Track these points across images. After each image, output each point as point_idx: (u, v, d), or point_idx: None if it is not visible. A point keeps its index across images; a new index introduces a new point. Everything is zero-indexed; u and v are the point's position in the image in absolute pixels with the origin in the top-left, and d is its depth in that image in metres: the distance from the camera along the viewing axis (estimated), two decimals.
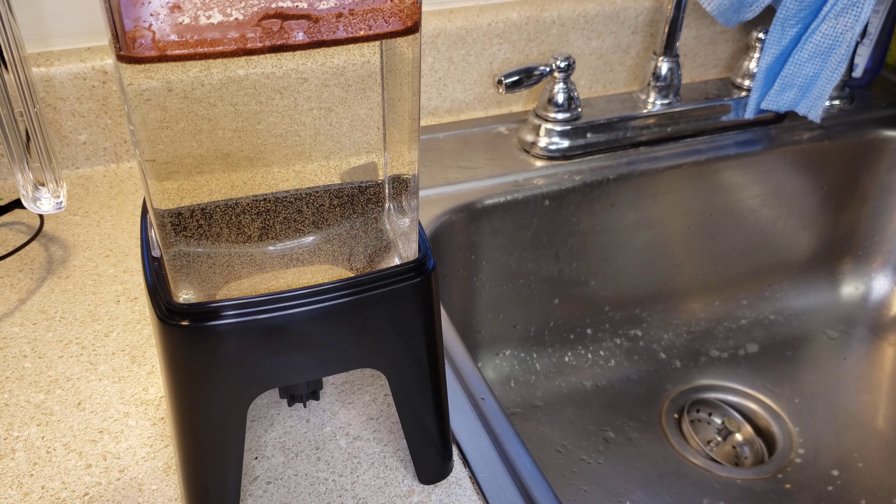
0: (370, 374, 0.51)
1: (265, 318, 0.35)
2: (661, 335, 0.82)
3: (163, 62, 0.30)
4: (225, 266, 0.37)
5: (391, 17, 0.32)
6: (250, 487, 0.44)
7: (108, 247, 0.61)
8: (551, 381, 0.77)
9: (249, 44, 0.30)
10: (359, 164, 0.37)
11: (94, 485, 0.43)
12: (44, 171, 0.47)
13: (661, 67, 0.75)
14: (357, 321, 0.37)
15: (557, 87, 0.72)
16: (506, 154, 0.74)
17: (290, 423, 0.48)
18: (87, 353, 0.52)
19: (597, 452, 0.71)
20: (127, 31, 0.29)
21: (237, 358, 0.36)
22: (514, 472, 0.45)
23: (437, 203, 0.68)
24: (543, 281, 0.75)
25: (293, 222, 0.37)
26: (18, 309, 0.55)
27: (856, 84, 0.87)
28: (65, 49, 0.67)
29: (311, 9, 0.30)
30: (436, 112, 0.79)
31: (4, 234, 0.62)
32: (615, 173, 0.73)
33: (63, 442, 0.46)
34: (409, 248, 0.38)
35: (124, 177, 0.69)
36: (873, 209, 0.85)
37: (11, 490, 0.43)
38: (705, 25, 0.83)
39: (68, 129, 0.68)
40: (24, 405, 0.48)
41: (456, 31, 0.74)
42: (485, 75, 0.78)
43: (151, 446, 0.46)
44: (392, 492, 0.43)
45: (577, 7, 0.77)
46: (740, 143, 0.78)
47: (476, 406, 0.49)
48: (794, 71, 0.74)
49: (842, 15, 0.70)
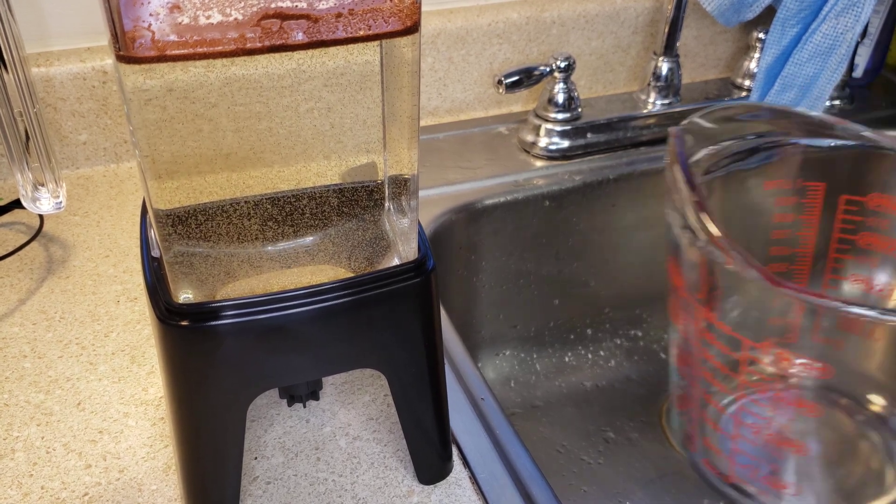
0: (370, 374, 0.51)
1: (265, 318, 0.35)
2: (662, 335, 0.82)
3: (162, 62, 0.30)
4: (224, 266, 0.37)
5: (391, 17, 0.32)
6: (250, 487, 0.44)
7: (108, 247, 0.61)
8: (551, 382, 0.77)
9: (249, 44, 0.30)
10: (358, 164, 0.37)
11: (94, 485, 0.43)
12: (43, 171, 0.47)
13: (662, 67, 0.75)
14: (357, 321, 0.37)
15: (557, 88, 0.72)
16: (506, 154, 0.74)
17: (289, 424, 0.48)
18: (87, 354, 0.52)
19: (597, 453, 0.71)
20: (126, 32, 0.29)
21: (237, 358, 0.36)
22: (513, 472, 0.45)
23: (437, 203, 0.67)
24: (543, 281, 0.75)
25: (293, 222, 0.37)
26: (18, 309, 0.55)
27: (856, 84, 0.87)
28: (65, 49, 0.67)
29: (311, 9, 0.30)
30: (436, 112, 0.79)
31: (4, 235, 0.62)
32: (615, 173, 0.73)
33: (63, 442, 0.46)
34: (409, 249, 0.38)
35: (124, 177, 0.69)
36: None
37: (11, 490, 0.43)
38: (705, 25, 0.83)
39: (68, 130, 0.68)
40: (24, 405, 0.48)
41: (456, 32, 0.74)
42: (485, 75, 0.78)
43: (151, 446, 0.46)
44: (392, 492, 0.43)
45: (577, 7, 0.77)
46: None
47: (476, 406, 0.49)
48: (794, 71, 0.74)
49: (842, 15, 0.70)
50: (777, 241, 0.39)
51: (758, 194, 0.40)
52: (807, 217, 0.38)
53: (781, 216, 0.38)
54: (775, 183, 0.37)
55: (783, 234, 0.39)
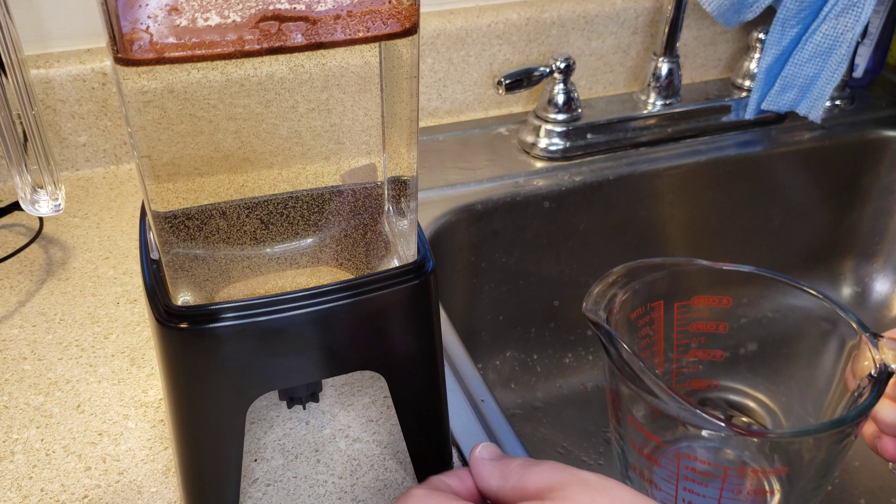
0: (369, 375, 0.51)
1: (264, 320, 0.35)
2: None
3: (161, 64, 0.30)
4: (223, 268, 0.37)
5: (389, 19, 0.32)
6: (250, 490, 0.44)
7: (108, 248, 0.61)
8: (552, 383, 0.77)
9: (247, 46, 0.30)
10: (358, 165, 0.37)
11: (94, 487, 0.43)
12: (42, 173, 0.47)
13: (662, 68, 0.75)
14: (356, 323, 0.37)
15: (557, 88, 0.72)
16: (506, 155, 0.74)
17: (289, 426, 0.48)
18: (87, 356, 0.52)
19: (597, 454, 0.71)
20: (125, 34, 0.29)
21: (236, 360, 0.36)
22: None
23: (436, 204, 0.67)
24: (544, 282, 0.75)
25: (292, 224, 0.37)
26: (18, 311, 0.55)
27: (856, 84, 0.87)
28: (64, 51, 0.67)
29: (309, 10, 0.30)
30: (436, 113, 0.79)
31: (4, 236, 0.62)
32: (615, 174, 0.73)
33: (62, 444, 0.46)
34: (409, 250, 0.38)
35: (124, 178, 0.69)
36: (874, 210, 0.85)
37: (11, 492, 0.43)
38: (705, 26, 0.83)
39: (68, 131, 0.68)
40: (24, 407, 0.48)
41: (456, 32, 0.74)
42: (485, 76, 0.78)
43: (151, 449, 0.46)
44: (392, 494, 0.43)
45: (577, 8, 0.77)
46: (741, 144, 0.78)
47: (476, 408, 0.49)
48: (794, 71, 0.74)
49: (842, 15, 0.70)
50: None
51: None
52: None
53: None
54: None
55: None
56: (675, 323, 0.50)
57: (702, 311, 0.50)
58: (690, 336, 0.51)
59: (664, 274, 0.48)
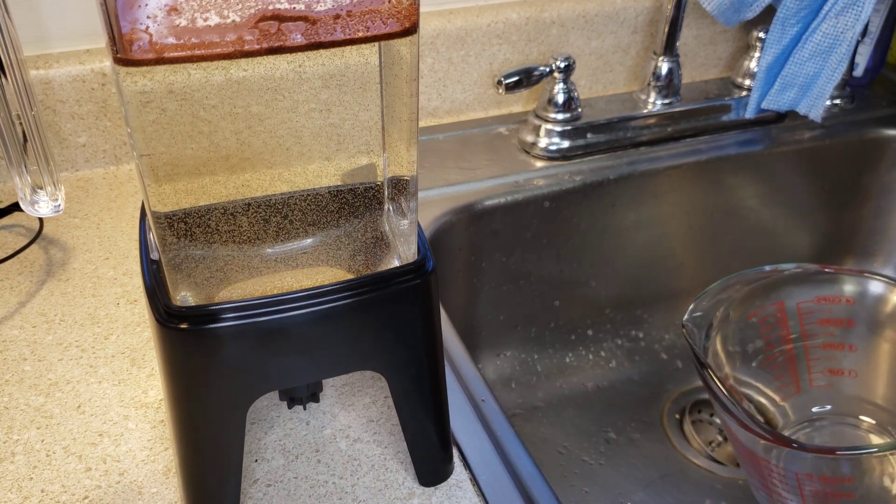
0: (370, 375, 0.51)
1: (264, 320, 0.35)
2: (663, 335, 0.82)
3: (160, 65, 0.30)
4: (223, 268, 0.37)
5: (389, 19, 0.32)
6: (250, 490, 0.43)
7: (108, 249, 0.61)
8: (552, 382, 0.77)
9: (247, 46, 0.30)
10: (358, 165, 0.37)
11: (94, 488, 0.43)
12: (41, 174, 0.47)
13: (662, 67, 0.75)
14: (357, 323, 0.37)
15: (557, 88, 0.72)
16: (506, 155, 0.74)
17: (290, 426, 0.47)
18: (87, 356, 0.52)
19: (598, 453, 0.71)
20: (124, 34, 0.29)
21: (236, 361, 0.36)
22: (514, 473, 0.45)
23: (437, 204, 0.67)
24: (544, 282, 0.75)
25: (292, 224, 0.37)
26: (18, 312, 0.55)
27: (857, 83, 0.87)
28: (64, 51, 0.67)
29: (309, 10, 0.30)
30: (435, 113, 0.79)
31: (4, 237, 0.62)
32: (615, 174, 0.73)
33: (63, 445, 0.46)
34: (409, 250, 0.38)
35: (124, 179, 0.69)
36: (874, 208, 0.85)
37: (11, 493, 0.43)
38: (705, 25, 0.83)
39: (68, 132, 0.68)
40: (24, 408, 0.48)
41: (455, 32, 0.74)
42: (485, 76, 0.78)
43: (151, 449, 0.46)
44: (392, 494, 0.43)
45: (577, 7, 0.77)
46: (741, 143, 0.78)
47: (476, 407, 0.49)
48: (794, 70, 0.74)
49: (842, 14, 0.70)
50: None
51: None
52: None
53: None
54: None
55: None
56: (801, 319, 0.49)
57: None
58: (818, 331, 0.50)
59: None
